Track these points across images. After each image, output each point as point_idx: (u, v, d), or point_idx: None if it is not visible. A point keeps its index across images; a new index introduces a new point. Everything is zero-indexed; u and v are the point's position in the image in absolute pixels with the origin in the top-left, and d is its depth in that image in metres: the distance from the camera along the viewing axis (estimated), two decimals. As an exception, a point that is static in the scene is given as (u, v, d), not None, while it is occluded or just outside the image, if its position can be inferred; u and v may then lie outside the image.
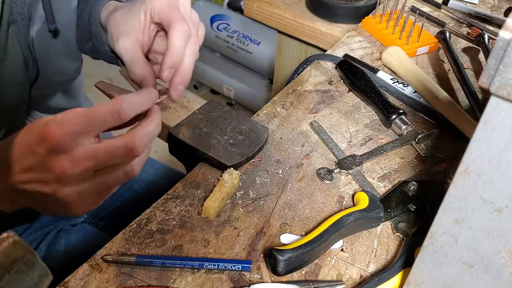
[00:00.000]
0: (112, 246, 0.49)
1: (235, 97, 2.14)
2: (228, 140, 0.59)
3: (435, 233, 0.37)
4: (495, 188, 0.31)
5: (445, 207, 0.34)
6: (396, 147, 0.62)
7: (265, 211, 0.53)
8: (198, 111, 0.63)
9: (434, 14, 0.91)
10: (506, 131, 0.29)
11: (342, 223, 0.49)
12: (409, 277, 0.42)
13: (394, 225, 0.52)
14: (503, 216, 0.32)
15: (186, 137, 0.59)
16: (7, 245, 0.29)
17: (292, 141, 0.63)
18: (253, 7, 1.05)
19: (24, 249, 0.29)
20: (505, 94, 0.27)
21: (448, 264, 0.38)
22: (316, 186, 0.57)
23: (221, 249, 0.49)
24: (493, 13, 0.90)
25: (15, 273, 0.29)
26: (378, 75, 0.72)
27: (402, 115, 0.64)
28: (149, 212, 0.53)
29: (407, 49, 0.77)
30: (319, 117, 0.67)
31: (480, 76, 0.27)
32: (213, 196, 0.53)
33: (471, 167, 0.31)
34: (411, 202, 0.53)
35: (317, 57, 0.78)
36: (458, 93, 0.72)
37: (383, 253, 0.50)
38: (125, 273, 0.47)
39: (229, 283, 0.46)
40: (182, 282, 0.46)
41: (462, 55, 0.81)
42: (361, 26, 0.86)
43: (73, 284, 0.46)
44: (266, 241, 0.50)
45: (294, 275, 0.47)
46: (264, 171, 0.58)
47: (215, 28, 2.06)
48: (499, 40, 0.26)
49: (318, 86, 0.72)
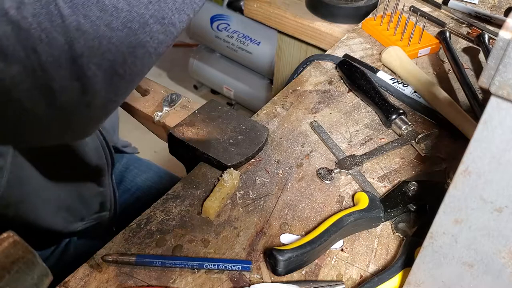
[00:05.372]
0: (112, 246, 0.49)
1: (235, 97, 2.15)
2: (228, 140, 0.59)
3: (435, 233, 0.37)
4: (495, 188, 0.31)
5: (445, 207, 0.34)
6: (396, 147, 0.62)
7: (265, 211, 0.53)
8: (198, 111, 0.63)
9: (434, 14, 0.91)
10: (506, 131, 0.29)
11: (342, 223, 0.49)
12: (409, 277, 0.42)
13: (394, 225, 0.52)
14: (503, 216, 0.32)
15: (186, 137, 0.59)
16: (7, 245, 0.29)
17: (292, 141, 0.63)
18: (253, 7, 1.05)
19: (24, 249, 0.29)
20: (505, 94, 0.27)
21: (448, 264, 0.38)
22: (316, 186, 0.57)
23: (221, 249, 0.49)
24: (493, 13, 0.90)
25: (15, 273, 0.29)
26: (378, 75, 0.72)
27: (402, 115, 0.64)
28: (149, 212, 0.53)
29: (409, 50, 0.77)
30: (319, 117, 0.67)
31: (480, 76, 0.27)
32: (213, 196, 0.53)
33: (471, 167, 0.31)
34: (411, 202, 0.53)
35: (317, 57, 0.78)
36: (458, 93, 0.72)
37: (383, 253, 0.50)
38: (125, 273, 0.47)
39: (229, 283, 0.46)
40: (182, 282, 0.46)
41: (462, 55, 0.81)
42: (362, 27, 0.86)
43: (73, 284, 0.46)
44: (266, 241, 0.50)
45: (294, 275, 0.47)
46: (264, 171, 0.58)
47: (215, 28, 2.06)
48: (499, 40, 0.26)
49: (318, 86, 0.72)
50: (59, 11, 0.33)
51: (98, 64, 0.35)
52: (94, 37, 0.34)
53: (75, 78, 0.35)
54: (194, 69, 2.23)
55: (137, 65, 0.38)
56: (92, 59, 0.35)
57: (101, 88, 0.37)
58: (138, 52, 0.37)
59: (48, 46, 0.33)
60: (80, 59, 0.34)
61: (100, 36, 0.34)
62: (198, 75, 2.24)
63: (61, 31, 0.33)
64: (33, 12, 0.32)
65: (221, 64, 2.16)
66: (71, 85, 0.35)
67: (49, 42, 0.33)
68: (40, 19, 0.32)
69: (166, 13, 0.38)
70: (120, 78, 0.38)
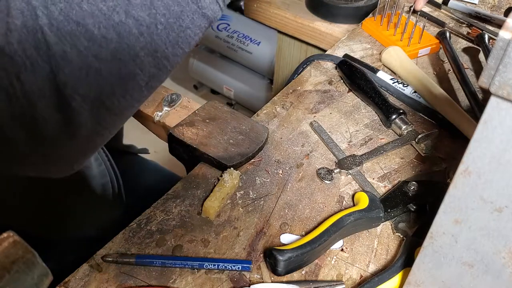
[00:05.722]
0: (112, 246, 0.49)
1: (235, 97, 2.15)
2: (228, 140, 0.59)
3: (435, 233, 0.37)
4: (495, 188, 0.31)
5: (445, 207, 0.34)
6: (396, 147, 0.62)
7: (265, 211, 0.53)
8: (198, 111, 0.63)
9: (434, 14, 0.91)
10: (506, 131, 0.29)
11: (342, 223, 0.49)
12: (409, 277, 0.42)
13: (394, 225, 0.52)
14: (503, 216, 0.32)
15: (186, 137, 0.59)
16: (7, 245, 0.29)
17: (292, 141, 0.63)
18: (253, 7, 1.05)
19: (24, 249, 0.29)
20: (505, 94, 0.27)
21: (448, 264, 0.38)
22: (316, 186, 0.57)
23: (221, 249, 0.49)
24: (493, 13, 0.90)
25: (15, 273, 0.29)
26: (378, 75, 0.72)
27: (402, 115, 0.64)
28: (149, 212, 0.53)
29: (409, 50, 0.77)
30: (319, 117, 0.67)
31: (480, 76, 0.27)
32: (213, 196, 0.53)
33: (471, 167, 0.31)
34: (411, 202, 0.53)
35: (317, 57, 0.78)
36: (458, 93, 0.72)
37: (383, 253, 0.50)
38: (125, 273, 0.47)
39: (229, 283, 0.46)
40: (182, 282, 0.46)
41: (462, 55, 0.81)
42: (362, 27, 0.86)
43: (73, 284, 0.46)
44: (266, 241, 0.50)
45: (294, 275, 0.47)
46: (264, 171, 0.58)
47: (215, 28, 2.06)
48: (499, 40, 0.26)
49: (318, 86, 0.72)
50: (45, 39, 0.32)
51: (84, 95, 0.34)
52: (80, 67, 0.33)
53: (59, 109, 0.34)
54: (194, 69, 2.23)
55: (127, 98, 0.37)
56: (77, 89, 0.33)
57: (87, 120, 0.35)
58: (128, 84, 0.36)
59: (32, 74, 0.32)
60: (65, 89, 0.33)
61: (87, 67, 0.33)
62: (198, 75, 2.24)
63: (46, 59, 0.32)
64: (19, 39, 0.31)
65: (221, 64, 2.15)
66: (54, 116, 0.34)
67: (33, 70, 0.32)
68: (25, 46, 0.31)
69: (159, 46, 0.36)
70: (108, 111, 0.36)
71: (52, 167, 0.40)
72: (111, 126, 0.39)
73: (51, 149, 0.37)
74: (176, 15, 0.37)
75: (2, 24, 0.31)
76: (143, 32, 0.35)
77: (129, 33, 0.34)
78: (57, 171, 0.41)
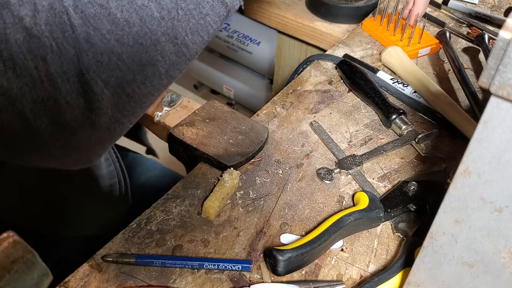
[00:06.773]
0: (112, 246, 0.49)
1: (235, 97, 2.14)
2: (228, 140, 0.59)
3: (435, 233, 0.37)
4: (495, 188, 0.31)
5: (445, 207, 0.34)
6: (396, 147, 0.62)
7: (265, 211, 0.53)
8: (198, 111, 0.63)
9: (434, 14, 0.91)
10: (506, 131, 0.29)
11: (342, 223, 0.49)
12: (409, 277, 0.42)
13: (394, 225, 0.52)
14: (503, 216, 0.32)
15: (186, 137, 0.59)
16: (7, 245, 0.29)
17: (292, 141, 0.63)
18: (253, 7, 1.05)
19: (24, 249, 0.29)
20: (505, 94, 0.27)
21: (448, 264, 0.38)
22: (316, 186, 0.57)
23: (221, 249, 0.49)
24: (493, 13, 0.90)
25: (15, 273, 0.29)
26: (378, 75, 0.72)
27: (402, 115, 0.64)
28: (149, 212, 0.53)
29: (409, 50, 0.77)
30: (319, 117, 0.67)
31: (480, 76, 0.27)
32: (213, 196, 0.53)
33: (471, 167, 0.31)
34: (411, 202, 0.53)
35: (317, 57, 0.78)
36: (458, 93, 0.72)
37: (383, 253, 0.50)
38: (125, 273, 0.47)
39: (229, 283, 0.46)
40: (182, 282, 0.46)
41: (462, 55, 0.81)
42: (362, 27, 0.86)
43: (73, 284, 0.46)
44: (266, 241, 0.50)
45: (294, 275, 0.47)
46: (264, 171, 0.58)
47: (215, 28, 2.05)
48: (499, 40, 0.26)
49: (318, 86, 0.72)
50: (71, 21, 0.32)
51: (105, 80, 0.34)
52: (103, 51, 0.33)
53: (82, 94, 0.33)
54: (194, 69, 2.23)
55: (147, 85, 0.37)
56: (100, 74, 0.33)
57: (107, 107, 0.35)
58: (148, 71, 0.36)
59: (57, 57, 0.32)
60: (88, 74, 0.33)
61: (110, 51, 0.33)
62: (198, 75, 2.24)
63: (71, 42, 0.32)
64: (46, 20, 0.31)
65: (221, 64, 2.15)
66: (76, 101, 0.34)
67: (59, 53, 0.32)
68: (52, 27, 0.31)
69: (179, 33, 0.36)
70: (128, 98, 0.36)
71: (70, 158, 0.40)
72: (131, 114, 0.38)
73: (72, 137, 0.36)
74: (196, 1, 0.37)
75: (30, 6, 0.31)
76: (164, 17, 0.35)
77: (151, 17, 0.34)
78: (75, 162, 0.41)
